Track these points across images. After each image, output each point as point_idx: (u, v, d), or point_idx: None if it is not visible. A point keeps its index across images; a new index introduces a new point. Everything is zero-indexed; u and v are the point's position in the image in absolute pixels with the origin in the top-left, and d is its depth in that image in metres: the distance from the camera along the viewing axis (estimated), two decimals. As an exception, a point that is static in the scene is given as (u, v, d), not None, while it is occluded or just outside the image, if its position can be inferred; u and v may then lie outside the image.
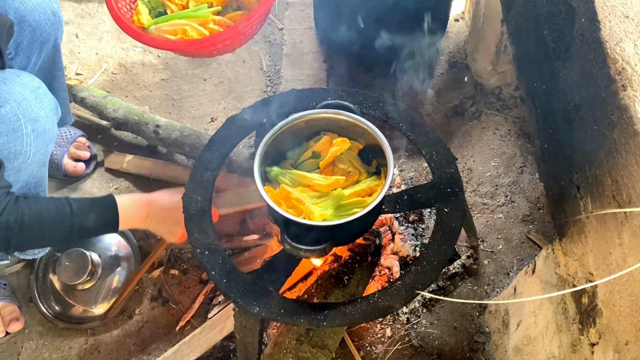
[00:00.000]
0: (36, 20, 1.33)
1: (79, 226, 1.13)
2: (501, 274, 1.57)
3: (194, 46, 1.24)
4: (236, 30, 1.23)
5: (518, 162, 1.77)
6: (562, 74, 0.96)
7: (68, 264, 1.47)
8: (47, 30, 1.37)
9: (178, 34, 1.28)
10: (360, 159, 1.21)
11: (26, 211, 1.07)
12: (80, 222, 1.13)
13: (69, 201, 1.15)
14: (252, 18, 1.22)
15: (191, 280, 1.60)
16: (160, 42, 1.26)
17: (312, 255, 1.03)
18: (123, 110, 1.77)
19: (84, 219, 1.14)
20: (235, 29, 1.23)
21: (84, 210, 1.15)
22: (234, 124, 1.30)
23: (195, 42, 1.24)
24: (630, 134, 0.73)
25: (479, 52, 1.90)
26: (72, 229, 1.12)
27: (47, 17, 1.35)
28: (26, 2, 1.30)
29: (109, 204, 1.19)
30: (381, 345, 1.47)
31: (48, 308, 1.54)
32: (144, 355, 1.50)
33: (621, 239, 0.80)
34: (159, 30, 1.29)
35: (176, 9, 1.35)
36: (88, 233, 1.23)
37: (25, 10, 1.30)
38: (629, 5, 0.83)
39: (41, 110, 1.17)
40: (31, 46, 1.36)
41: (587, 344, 0.95)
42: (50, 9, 1.36)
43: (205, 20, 1.29)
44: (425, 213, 1.65)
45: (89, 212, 1.16)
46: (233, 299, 1.07)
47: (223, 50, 1.33)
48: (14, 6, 1.28)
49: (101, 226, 1.19)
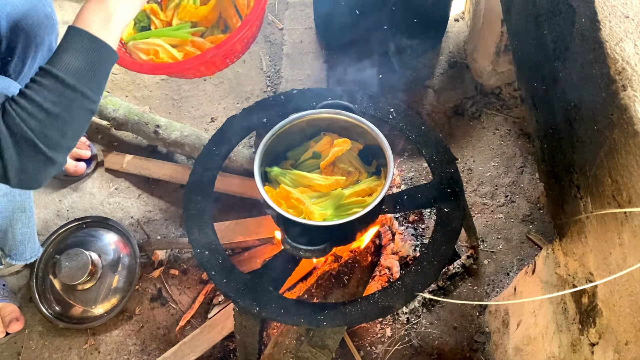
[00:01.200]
0: (29, 25, 1.31)
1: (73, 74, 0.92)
2: (501, 274, 1.57)
3: (159, 71, 1.16)
4: (204, 59, 1.13)
5: (518, 162, 1.77)
6: (562, 74, 0.96)
7: (68, 264, 1.47)
8: (41, 34, 1.36)
9: (150, 54, 1.19)
10: (360, 159, 1.21)
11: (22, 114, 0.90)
12: (70, 72, 0.92)
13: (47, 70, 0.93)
14: (221, 48, 1.13)
15: (191, 280, 1.60)
16: (128, 63, 1.17)
17: (312, 255, 1.03)
18: (123, 110, 1.77)
19: (68, 67, 0.93)
20: (203, 57, 1.13)
21: (62, 60, 0.93)
22: (234, 124, 1.30)
23: (162, 66, 1.16)
24: (630, 133, 0.73)
25: (479, 52, 1.90)
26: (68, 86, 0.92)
27: (40, 20, 1.33)
28: (19, 7, 1.28)
29: (69, 32, 0.97)
30: (381, 345, 1.47)
31: (48, 308, 1.54)
32: (144, 355, 1.50)
33: (621, 239, 0.80)
34: (135, 47, 1.21)
35: (160, 24, 1.26)
36: (87, 77, 0.95)
37: (18, 15, 1.28)
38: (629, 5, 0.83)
39: None
40: (26, 50, 1.35)
41: (587, 344, 0.95)
42: (44, 12, 1.34)
43: (184, 41, 1.21)
44: (425, 213, 1.65)
45: (66, 56, 0.93)
46: (233, 299, 1.07)
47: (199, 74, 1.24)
48: (7, 11, 1.26)
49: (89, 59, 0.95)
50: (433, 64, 2.01)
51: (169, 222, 1.70)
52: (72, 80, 0.91)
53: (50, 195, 1.75)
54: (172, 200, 1.74)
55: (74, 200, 1.75)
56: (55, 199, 1.75)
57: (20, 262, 1.45)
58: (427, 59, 2.02)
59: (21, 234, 1.38)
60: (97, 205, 1.74)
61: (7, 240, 1.36)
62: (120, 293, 1.54)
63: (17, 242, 1.38)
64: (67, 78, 0.91)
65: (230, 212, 1.70)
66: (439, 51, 2.04)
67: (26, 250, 1.43)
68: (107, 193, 1.76)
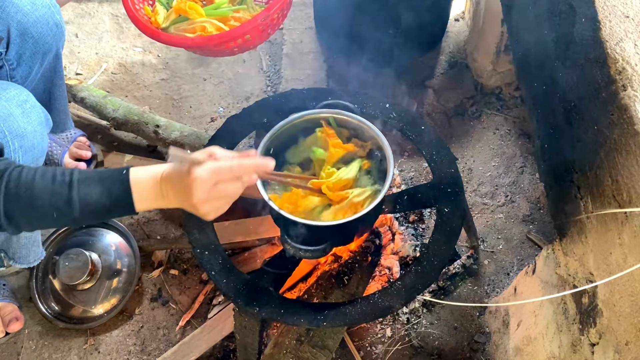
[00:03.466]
0: (39, 32, 1.33)
1: (81, 201, 0.89)
2: (501, 274, 1.57)
3: (213, 41, 1.22)
4: (255, 23, 1.20)
5: (518, 162, 1.77)
6: (562, 74, 0.96)
7: (68, 264, 1.47)
8: (50, 42, 1.37)
9: (197, 31, 1.26)
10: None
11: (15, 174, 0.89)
12: (82, 196, 0.89)
13: (72, 171, 0.92)
14: (270, 10, 1.21)
15: (191, 280, 1.60)
16: (179, 40, 1.25)
17: (312, 255, 1.03)
18: (123, 110, 1.77)
19: (86, 192, 0.90)
20: (254, 22, 1.21)
21: (87, 182, 0.90)
22: (233, 124, 1.30)
23: (214, 37, 1.22)
24: (631, 133, 0.73)
25: (479, 52, 1.90)
26: (70, 202, 0.89)
27: (49, 28, 1.35)
28: (29, 15, 1.30)
29: (119, 177, 0.91)
30: (381, 345, 1.47)
31: (48, 308, 1.54)
32: (144, 355, 1.50)
33: (621, 239, 0.80)
34: (178, 30, 1.28)
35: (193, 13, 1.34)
36: (96, 211, 0.92)
37: (28, 23, 1.30)
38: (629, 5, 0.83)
39: (28, 125, 1.14)
40: (33, 57, 1.36)
41: (587, 344, 0.95)
42: (53, 21, 1.35)
43: (225, 17, 1.28)
44: (425, 213, 1.65)
45: (93, 184, 0.90)
46: (233, 299, 1.07)
47: (244, 47, 1.30)
48: (17, 19, 1.28)
49: (111, 204, 0.91)
50: (433, 64, 2.01)
51: (169, 222, 1.70)
52: (78, 208, 0.89)
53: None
54: (172, 200, 1.74)
55: (74, 200, 1.75)
56: (55, 199, 1.75)
57: (24, 266, 1.45)
58: (427, 59, 2.02)
59: (25, 237, 1.38)
60: (97, 205, 1.73)
61: (11, 244, 1.36)
62: (120, 293, 1.54)
63: (21, 245, 1.38)
64: (76, 204, 0.88)
65: (230, 212, 1.69)
66: (439, 51, 2.04)
67: (30, 254, 1.43)
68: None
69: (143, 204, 0.91)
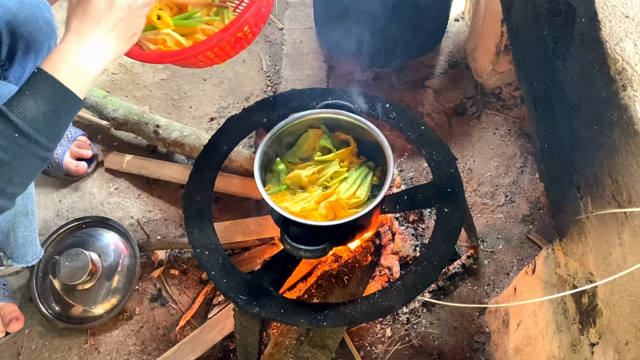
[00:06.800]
0: (29, 31, 1.31)
1: (24, 119, 0.84)
2: (501, 274, 1.57)
3: (166, 59, 1.12)
4: (210, 44, 1.09)
5: (518, 162, 1.77)
6: (562, 74, 0.96)
7: (68, 264, 1.47)
8: (41, 40, 1.36)
9: (159, 43, 1.16)
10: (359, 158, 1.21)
11: None
12: (20, 116, 0.84)
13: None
14: (226, 31, 1.09)
15: (191, 280, 1.60)
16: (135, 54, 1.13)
17: (311, 255, 1.03)
18: (123, 110, 1.77)
19: (20, 111, 0.85)
20: (209, 42, 1.10)
21: (14, 102, 0.85)
22: (234, 124, 1.30)
23: (168, 54, 1.12)
24: (631, 133, 0.73)
25: (479, 52, 1.90)
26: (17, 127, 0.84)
27: (39, 26, 1.33)
28: (18, 15, 1.28)
29: (35, 77, 0.87)
30: (381, 345, 1.47)
31: (48, 308, 1.54)
32: (144, 355, 1.50)
33: (621, 239, 0.80)
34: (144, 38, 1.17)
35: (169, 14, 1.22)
36: (46, 121, 0.87)
37: (17, 23, 1.28)
38: (629, 5, 0.83)
39: None
40: (25, 57, 1.35)
41: (587, 344, 0.95)
42: (43, 19, 1.34)
43: (194, 29, 1.18)
44: (425, 213, 1.65)
45: (22, 100, 0.85)
46: (233, 299, 1.07)
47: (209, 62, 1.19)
48: (6, 19, 1.26)
49: (50, 104, 0.87)
50: (433, 64, 2.01)
51: (169, 222, 1.70)
52: (28, 127, 0.84)
53: (50, 195, 1.75)
54: (172, 200, 1.74)
55: (73, 200, 1.75)
56: (55, 199, 1.75)
57: (22, 265, 1.45)
58: (427, 59, 2.02)
59: (23, 237, 1.38)
60: (97, 205, 1.74)
61: (9, 243, 1.36)
62: (120, 293, 1.54)
63: (19, 244, 1.38)
64: (23, 124, 0.83)
65: (230, 212, 1.70)
66: (439, 51, 2.04)
67: (28, 252, 1.43)
68: (107, 193, 1.76)
69: (69, 73, 0.88)
